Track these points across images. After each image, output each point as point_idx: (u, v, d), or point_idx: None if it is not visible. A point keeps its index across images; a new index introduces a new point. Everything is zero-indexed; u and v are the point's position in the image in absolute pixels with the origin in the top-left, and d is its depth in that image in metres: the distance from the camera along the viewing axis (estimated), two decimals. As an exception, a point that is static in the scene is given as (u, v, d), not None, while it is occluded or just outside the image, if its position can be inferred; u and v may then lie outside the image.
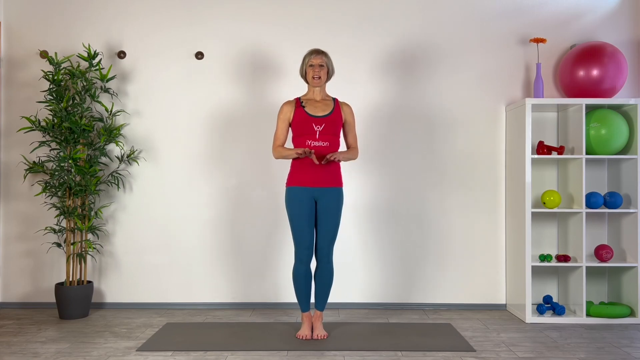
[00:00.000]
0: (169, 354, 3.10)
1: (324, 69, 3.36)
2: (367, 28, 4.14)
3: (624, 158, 3.84)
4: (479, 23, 4.15)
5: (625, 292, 3.89)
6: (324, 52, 3.38)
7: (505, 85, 4.14)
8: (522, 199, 3.81)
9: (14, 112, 4.14)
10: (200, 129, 4.14)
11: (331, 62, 3.41)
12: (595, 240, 4.06)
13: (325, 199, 3.32)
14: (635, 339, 3.41)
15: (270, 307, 4.11)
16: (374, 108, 4.13)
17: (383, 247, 4.13)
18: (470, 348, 3.19)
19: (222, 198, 4.14)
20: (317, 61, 3.34)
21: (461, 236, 4.13)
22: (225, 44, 4.15)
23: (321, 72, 3.34)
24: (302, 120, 3.32)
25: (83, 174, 3.84)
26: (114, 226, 4.15)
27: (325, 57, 3.37)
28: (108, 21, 4.16)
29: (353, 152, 3.44)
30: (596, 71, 3.83)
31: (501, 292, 4.13)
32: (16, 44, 4.16)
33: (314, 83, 3.36)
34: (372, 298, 4.14)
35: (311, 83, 3.37)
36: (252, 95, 4.14)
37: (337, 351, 3.14)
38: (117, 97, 4.14)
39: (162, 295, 4.14)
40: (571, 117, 3.93)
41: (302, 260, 3.36)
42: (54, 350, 3.17)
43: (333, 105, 3.39)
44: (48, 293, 4.13)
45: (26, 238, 4.14)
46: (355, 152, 3.45)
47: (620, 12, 4.14)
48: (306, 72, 3.38)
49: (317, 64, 3.34)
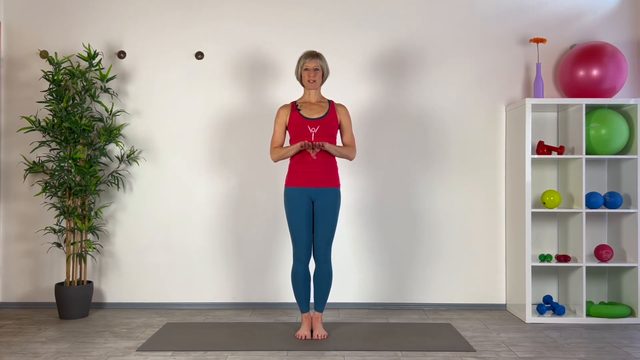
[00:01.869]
0: (169, 354, 3.10)
1: (319, 73, 3.37)
2: (367, 29, 4.13)
3: (624, 158, 3.84)
4: (479, 23, 4.15)
5: (625, 292, 3.89)
6: (318, 54, 3.38)
7: (505, 85, 4.14)
8: (522, 199, 3.81)
9: (14, 112, 4.14)
10: (201, 129, 4.14)
11: (326, 64, 3.42)
12: (595, 240, 4.06)
13: (322, 199, 3.33)
14: (635, 339, 3.41)
15: (270, 307, 4.11)
16: (373, 108, 4.13)
17: (383, 247, 4.13)
18: (470, 348, 3.19)
19: (223, 198, 4.14)
20: (312, 65, 3.35)
21: (461, 236, 4.13)
22: (225, 44, 4.15)
23: (316, 76, 3.36)
24: (298, 123, 3.33)
25: (83, 174, 3.84)
26: (114, 226, 4.15)
27: (320, 59, 3.37)
28: (108, 21, 4.16)
29: (348, 149, 3.41)
30: (596, 71, 3.83)
31: (501, 292, 4.13)
32: (16, 44, 4.16)
33: (309, 86, 3.38)
34: (372, 298, 4.14)
35: (306, 86, 3.40)
36: (253, 95, 4.14)
37: (337, 351, 3.14)
38: (117, 97, 4.14)
39: (162, 295, 4.14)
40: (571, 117, 3.93)
41: (301, 260, 3.36)
42: (54, 350, 3.17)
43: (328, 107, 3.39)
44: (48, 293, 4.13)
45: (26, 238, 4.14)
46: (351, 150, 3.43)
47: (620, 12, 4.14)
48: (301, 75, 3.40)
49: (312, 68, 3.35)
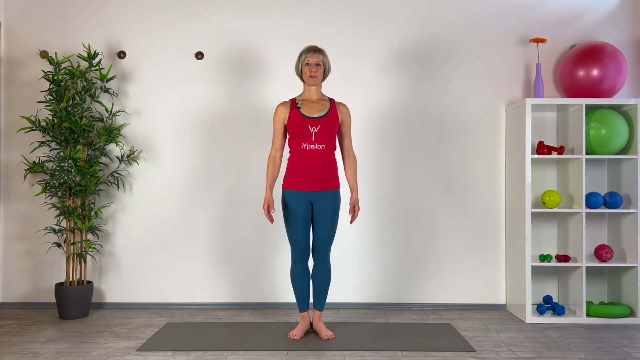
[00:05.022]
0: (169, 354, 3.10)
1: (320, 68, 3.29)
2: (367, 29, 4.13)
3: (624, 158, 3.84)
4: (479, 23, 4.15)
5: (625, 292, 3.89)
6: (320, 49, 3.32)
7: (505, 85, 4.14)
8: (522, 199, 3.81)
9: (14, 112, 4.14)
10: (201, 129, 4.14)
11: (328, 60, 3.35)
12: (595, 240, 4.06)
13: (322, 202, 3.30)
14: (635, 339, 3.41)
15: (270, 307, 4.11)
16: (372, 108, 4.13)
17: (383, 247, 4.14)
18: (470, 348, 3.19)
19: (222, 198, 4.14)
20: (313, 60, 3.28)
21: (461, 236, 4.13)
22: (225, 44, 4.14)
23: (317, 72, 3.28)
24: (298, 122, 3.26)
25: (83, 174, 3.84)
26: (114, 226, 4.15)
27: (322, 55, 3.30)
28: (108, 21, 4.16)
29: (354, 165, 3.41)
30: (596, 71, 3.83)
31: (501, 292, 4.13)
32: (16, 44, 4.16)
33: (310, 82, 3.30)
34: (372, 298, 4.14)
35: (307, 82, 3.31)
36: (253, 95, 4.14)
37: (337, 351, 3.14)
38: (117, 97, 4.14)
39: (162, 295, 4.14)
40: (571, 117, 3.93)
41: (298, 261, 3.37)
42: (54, 350, 3.17)
43: (329, 106, 3.33)
44: (48, 293, 4.13)
45: (26, 238, 4.14)
46: (354, 158, 3.41)
47: (620, 12, 4.14)
48: (302, 70, 3.32)
49: (313, 63, 3.27)
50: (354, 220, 3.43)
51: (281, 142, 3.38)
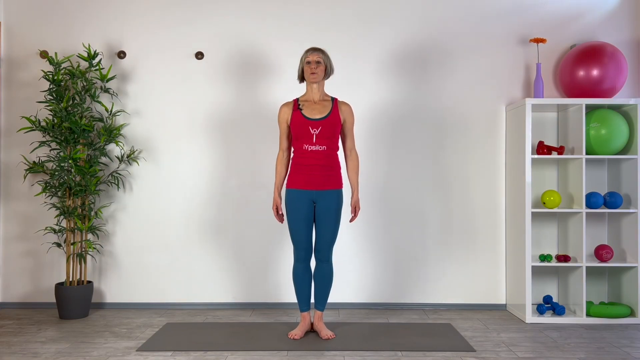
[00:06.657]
0: (169, 354, 3.10)
1: (320, 66, 3.31)
2: (367, 29, 4.13)
3: (624, 158, 3.84)
4: (479, 23, 4.15)
5: (625, 292, 3.89)
6: (321, 49, 3.35)
7: (505, 85, 4.14)
8: (522, 199, 3.81)
9: (14, 112, 4.14)
10: (201, 129, 4.14)
11: (329, 60, 3.36)
12: (595, 240, 4.06)
13: (324, 201, 3.31)
14: (635, 339, 3.41)
15: (270, 307, 4.11)
16: (372, 108, 4.13)
17: (383, 247, 4.14)
18: (470, 348, 3.19)
19: (223, 198, 4.14)
20: (313, 58, 3.30)
21: (461, 236, 4.13)
22: (225, 44, 4.14)
23: (318, 69, 3.29)
24: (299, 124, 3.28)
25: (83, 174, 3.84)
26: (114, 226, 4.15)
27: (322, 54, 3.33)
28: (108, 21, 4.16)
29: (356, 166, 3.42)
30: (596, 71, 3.83)
31: (501, 292, 4.13)
32: (16, 44, 4.16)
33: (311, 79, 3.30)
34: (372, 298, 4.14)
35: (308, 79, 3.33)
36: (253, 95, 4.14)
37: (337, 351, 3.14)
38: (117, 97, 4.14)
39: (162, 295, 4.14)
40: (571, 117, 3.93)
41: (300, 261, 3.37)
42: (54, 350, 3.17)
43: (331, 107, 3.34)
44: (48, 293, 4.13)
45: (26, 238, 4.14)
46: (356, 158, 3.42)
47: (620, 12, 4.14)
48: (303, 69, 3.34)
49: (313, 61, 3.29)
50: (353, 220, 3.44)
51: (286, 143, 3.40)
